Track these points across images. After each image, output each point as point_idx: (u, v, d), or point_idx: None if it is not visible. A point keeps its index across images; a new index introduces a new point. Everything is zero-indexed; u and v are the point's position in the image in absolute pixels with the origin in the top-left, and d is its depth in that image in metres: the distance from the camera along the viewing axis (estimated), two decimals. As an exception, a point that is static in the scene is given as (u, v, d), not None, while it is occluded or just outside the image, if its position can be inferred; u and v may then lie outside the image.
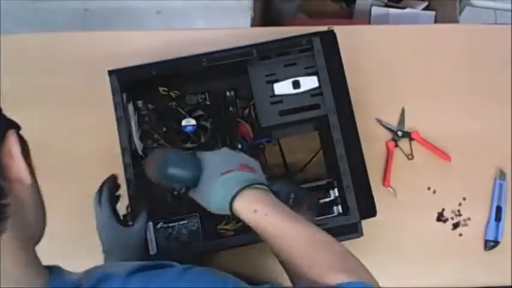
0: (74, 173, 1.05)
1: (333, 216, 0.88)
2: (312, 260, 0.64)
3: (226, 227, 0.90)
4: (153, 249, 0.90)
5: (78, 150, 1.07)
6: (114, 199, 0.83)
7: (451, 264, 1.01)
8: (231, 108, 0.96)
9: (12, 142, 0.49)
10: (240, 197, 0.67)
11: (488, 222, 1.02)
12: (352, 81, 0.92)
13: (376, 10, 1.44)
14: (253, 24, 1.24)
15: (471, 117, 1.07)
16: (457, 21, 1.30)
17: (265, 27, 1.26)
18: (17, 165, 0.49)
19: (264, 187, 0.69)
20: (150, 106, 0.95)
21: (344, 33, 0.94)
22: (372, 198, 0.87)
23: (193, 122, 0.94)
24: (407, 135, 1.05)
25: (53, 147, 1.06)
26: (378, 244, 1.00)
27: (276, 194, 0.71)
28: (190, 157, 0.73)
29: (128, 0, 1.95)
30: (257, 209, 0.66)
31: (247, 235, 0.85)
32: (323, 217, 0.87)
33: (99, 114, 0.97)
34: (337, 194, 0.89)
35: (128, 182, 0.89)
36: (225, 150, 0.76)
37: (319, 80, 0.91)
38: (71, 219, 0.97)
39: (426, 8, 1.46)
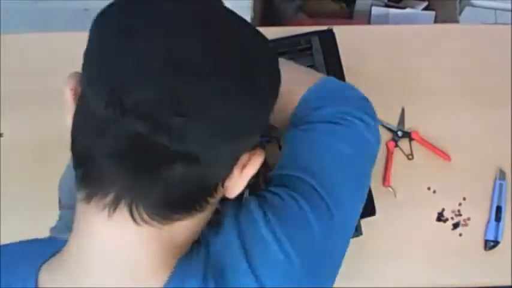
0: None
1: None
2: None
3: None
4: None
5: (78, 150, 1.07)
6: None
7: (451, 264, 1.01)
8: (230, 108, 0.96)
9: (254, 162, 0.46)
10: None
11: (488, 222, 1.02)
12: (352, 81, 0.92)
13: (376, 10, 1.44)
14: (253, 24, 1.24)
15: (471, 117, 1.07)
16: (457, 21, 1.30)
17: (265, 27, 1.26)
18: (239, 182, 0.46)
19: None
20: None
21: (344, 33, 0.94)
22: (372, 197, 0.87)
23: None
24: (407, 135, 1.05)
25: (53, 146, 1.06)
26: (378, 244, 0.99)
27: None
28: None
29: (128, 0, 1.94)
30: None
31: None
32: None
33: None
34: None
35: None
36: None
37: (319, 80, 0.91)
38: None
39: (426, 8, 1.46)
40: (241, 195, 0.47)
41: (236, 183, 0.46)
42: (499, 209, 1.02)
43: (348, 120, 0.60)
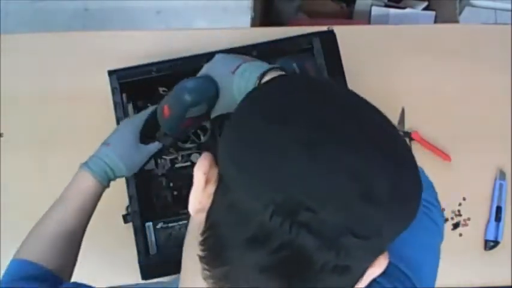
0: (74, 172, 1.05)
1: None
2: None
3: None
4: (153, 250, 0.90)
5: (78, 150, 1.07)
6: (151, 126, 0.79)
7: (451, 264, 1.01)
8: (231, 108, 0.96)
9: (380, 264, 0.43)
10: (266, 79, 0.65)
11: (488, 222, 1.02)
12: (352, 81, 0.92)
13: (376, 10, 1.44)
14: (253, 24, 1.24)
15: (471, 117, 1.07)
16: (457, 21, 1.30)
17: (265, 27, 1.26)
18: (363, 281, 0.44)
19: (278, 70, 0.68)
20: (149, 106, 0.95)
21: (344, 33, 0.94)
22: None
23: (193, 122, 0.94)
24: (407, 135, 1.05)
25: (53, 147, 1.06)
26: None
27: (284, 71, 0.70)
28: (197, 78, 0.71)
29: (127, 0, 1.95)
30: None
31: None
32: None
33: (99, 114, 0.98)
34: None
35: (128, 181, 0.89)
36: (220, 55, 0.73)
37: (319, 80, 0.91)
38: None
39: (426, 8, 1.45)
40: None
41: (360, 283, 0.44)
42: (499, 209, 1.02)
43: (425, 207, 0.63)
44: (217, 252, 0.39)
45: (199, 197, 0.40)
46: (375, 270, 0.42)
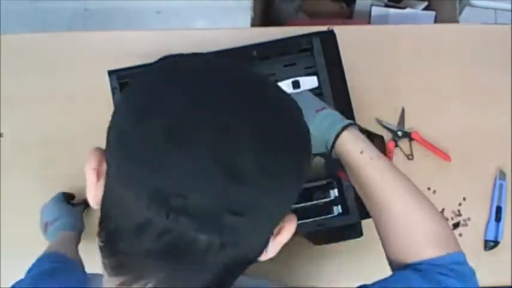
0: (74, 173, 1.05)
1: (332, 217, 0.88)
2: (410, 222, 0.63)
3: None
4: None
5: (78, 150, 1.07)
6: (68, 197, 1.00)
7: (451, 264, 1.01)
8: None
9: (288, 229, 0.44)
10: (346, 134, 0.67)
11: (488, 222, 1.02)
12: (352, 81, 0.92)
13: (376, 10, 1.44)
14: (253, 24, 1.24)
15: (471, 117, 1.07)
16: (457, 21, 1.30)
17: (265, 27, 1.26)
18: (273, 249, 0.45)
19: (357, 128, 0.69)
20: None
21: (344, 33, 0.94)
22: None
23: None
24: (407, 135, 1.05)
25: (52, 147, 1.06)
26: (378, 244, 0.99)
27: (361, 131, 0.70)
28: None
29: (127, 0, 1.95)
30: (363, 150, 0.64)
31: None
32: (323, 217, 0.87)
33: (99, 114, 0.97)
34: (337, 194, 0.89)
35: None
36: (307, 93, 0.76)
37: (318, 80, 0.91)
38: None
39: (426, 8, 1.46)
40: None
41: (269, 251, 0.45)
42: (499, 209, 1.02)
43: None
44: (109, 242, 0.41)
45: (93, 192, 0.42)
46: (284, 236, 0.44)
